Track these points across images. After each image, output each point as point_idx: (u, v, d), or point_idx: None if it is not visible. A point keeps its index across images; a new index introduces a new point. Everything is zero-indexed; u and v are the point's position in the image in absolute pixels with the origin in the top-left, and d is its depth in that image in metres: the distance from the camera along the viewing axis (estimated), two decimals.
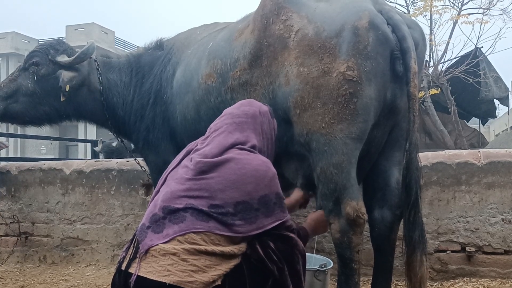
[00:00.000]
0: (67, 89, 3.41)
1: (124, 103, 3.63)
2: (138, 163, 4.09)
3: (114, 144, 8.21)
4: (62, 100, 3.46)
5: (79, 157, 23.80)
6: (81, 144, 28.13)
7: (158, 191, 2.22)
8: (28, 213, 5.18)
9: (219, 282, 1.95)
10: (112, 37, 35.62)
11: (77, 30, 32.90)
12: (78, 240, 5.01)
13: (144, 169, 4.05)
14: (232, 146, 2.20)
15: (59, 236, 5.06)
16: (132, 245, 2.08)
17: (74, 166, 5.14)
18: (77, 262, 4.96)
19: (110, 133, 3.87)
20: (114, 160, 5.19)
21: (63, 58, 3.49)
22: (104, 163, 5.12)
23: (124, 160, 5.13)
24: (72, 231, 5.03)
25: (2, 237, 5.23)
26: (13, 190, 5.20)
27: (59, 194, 5.10)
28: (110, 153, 8.05)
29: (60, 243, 5.05)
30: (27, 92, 3.50)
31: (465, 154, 4.01)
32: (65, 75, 3.42)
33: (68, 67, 3.47)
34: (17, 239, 5.13)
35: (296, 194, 2.93)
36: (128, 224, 4.85)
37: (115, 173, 4.93)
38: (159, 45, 3.74)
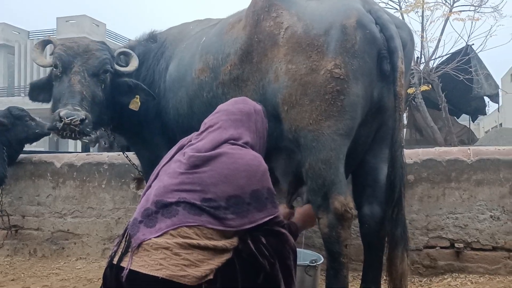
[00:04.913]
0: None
1: None
2: (127, 157, 4.08)
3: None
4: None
5: (69, 150, 23.68)
6: None
7: (150, 186, 2.22)
8: (18, 206, 5.16)
9: (211, 276, 1.97)
10: (104, 30, 35.38)
11: (68, 22, 32.63)
12: (69, 234, 5.00)
13: (133, 164, 4.05)
14: (225, 141, 2.21)
15: (49, 230, 5.05)
16: (124, 239, 2.08)
17: (65, 160, 5.13)
18: (67, 256, 4.95)
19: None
20: (105, 154, 5.18)
21: (122, 68, 3.39)
22: (95, 156, 5.11)
23: (115, 154, 5.11)
24: (63, 225, 5.01)
25: None
26: None
27: (50, 187, 5.08)
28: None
29: (51, 237, 5.04)
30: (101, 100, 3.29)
31: (455, 151, 4.05)
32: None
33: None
34: (7, 232, 5.11)
35: (301, 210, 2.83)
36: (119, 218, 4.85)
37: (106, 167, 4.92)
38: (152, 37, 3.72)
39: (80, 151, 9.29)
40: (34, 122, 5.10)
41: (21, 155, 5.31)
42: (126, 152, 4.13)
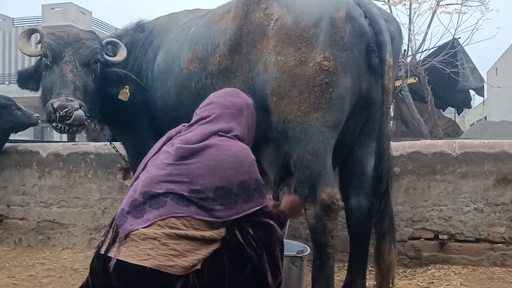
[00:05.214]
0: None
1: None
2: (114, 147, 4.06)
3: None
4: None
5: (54, 139, 23.44)
6: None
7: (138, 177, 2.22)
8: (4, 196, 5.12)
9: (198, 267, 1.98)
10: (90, 18, 34.94)
11: (53, 10, 32.14)
12: (55, 224, 4.97)
13: (120, 154, 4.03)
14: (214, 134, 2.21)
15: (35, 219, 5.02)
16: (111, 229, 2.08)
17: (51, 149, 5.09)
18: (53, 246, 4.93)
19: None
20: (92, 144, 5.15)
21: (111, 58, 3.35)
22: (82, 146, 5.07)
23: (102, 143, 5.08)
24: (49, 214, 4.98)
25: None
26: None
27: (35, 177, 5.04)
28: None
29: (36, 226, 5.01)
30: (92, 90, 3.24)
31: (441, 144, 4.09)
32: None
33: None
34: None
35: (287, 199, 2.81)
36: (105, 208, 4.83)
37: (93, 157, 4.90)
38: (139, 26, 3.69)
39: (66, 140, 9.22)
40: (20, 112, 5.04)
41: (6, 144, 5.26)
42: (113, 142, 4.11)
